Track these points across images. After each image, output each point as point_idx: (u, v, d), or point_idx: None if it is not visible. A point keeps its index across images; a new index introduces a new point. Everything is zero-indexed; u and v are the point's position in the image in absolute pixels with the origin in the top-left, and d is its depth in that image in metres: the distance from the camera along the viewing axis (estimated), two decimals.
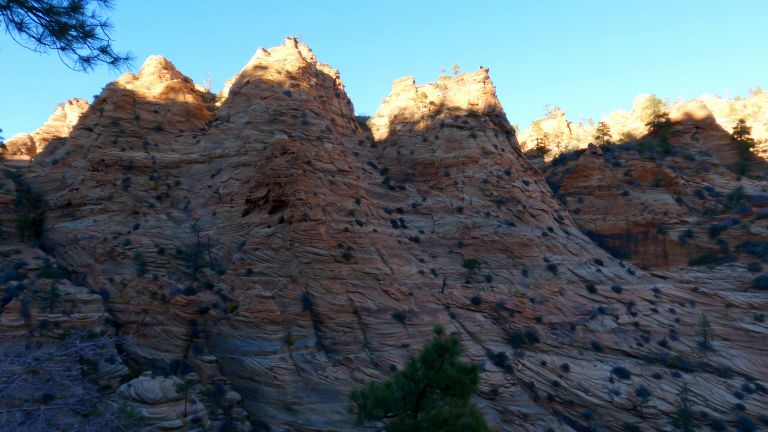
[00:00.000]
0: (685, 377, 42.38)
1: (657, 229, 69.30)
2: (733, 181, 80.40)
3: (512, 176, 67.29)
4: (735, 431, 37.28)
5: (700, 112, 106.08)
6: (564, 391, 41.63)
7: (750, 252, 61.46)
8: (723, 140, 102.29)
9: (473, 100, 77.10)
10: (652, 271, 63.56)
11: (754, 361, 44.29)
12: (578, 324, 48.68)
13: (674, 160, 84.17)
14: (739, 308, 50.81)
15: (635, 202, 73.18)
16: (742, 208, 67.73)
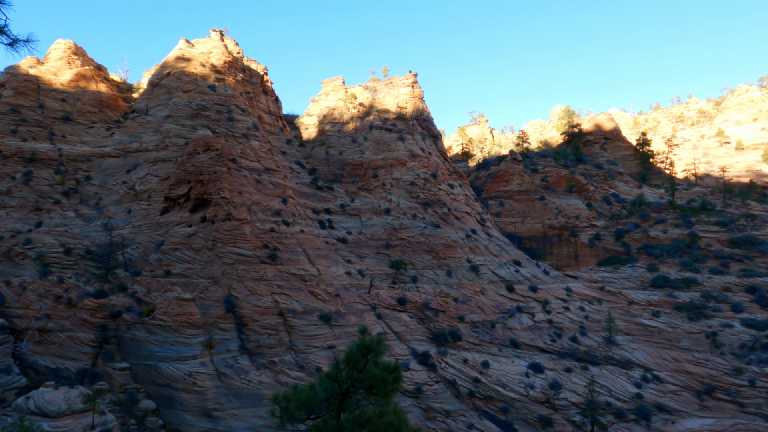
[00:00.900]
0: (592, 370, 45.51)
1: (570, 232, 74.03)
2: (636, 188, 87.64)
3: (438, 179, 69.09)
4: (634, 418, 40.60)
5: (609, 124, 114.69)
6: (484, 387, 43.27)
7: (649, 254, 67.29)
8: (627, 151, 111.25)
9: (402, 103, 78.35)
10: (565, 271, 67.76)
11: (651, 353, 48.48)
12: (498, 322, 50.82)
13: (585, 168, 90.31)
14: (639, 305, 55.44)
15: (551, 206, 77.73)
16: (643, 213, 74.02)
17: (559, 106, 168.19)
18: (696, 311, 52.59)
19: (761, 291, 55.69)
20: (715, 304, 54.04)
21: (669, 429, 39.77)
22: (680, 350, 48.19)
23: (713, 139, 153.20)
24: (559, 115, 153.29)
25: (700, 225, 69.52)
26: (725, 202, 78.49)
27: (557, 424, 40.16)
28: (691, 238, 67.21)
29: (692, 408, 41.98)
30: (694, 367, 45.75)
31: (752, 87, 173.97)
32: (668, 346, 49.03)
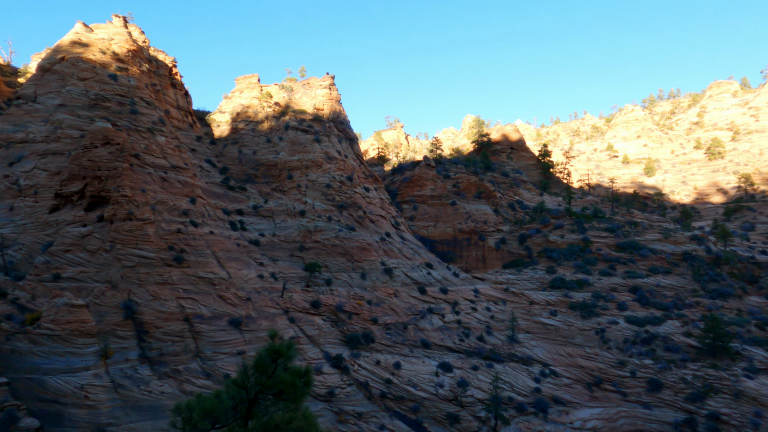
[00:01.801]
0: (497, 367, 47.93)
1: (478, 236, 77.60)
2: (538, 196, 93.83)
3: (354, 182, 69.39)
4: (533, 411, 43.30)
5: (515, 135, 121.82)
6: (396, 387, 43.97)
7: (548, 257, 72.30)
8: (531, 161, 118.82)
9: (319, 105, 77.81)
10: (473, 273, 70.88)
11: (549, 349, 52.04)
12: (410, 323, 51.93)
13: (493, 175, 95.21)
14: (539, 305, 59.33)
15: (461, 211, 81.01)
16: (544, 219, 79.42)
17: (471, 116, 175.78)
18: (587, 310, 57.26)
19: (641, 291, 61.91)
20: (604, 303, 59.19)
21: (563, 419, 42.87)
22: (574, 346, 52.18)
23: (604, 153, 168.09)
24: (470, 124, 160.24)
25: (592, 231, 75.90)
26: (613, 211, 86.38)
27: (464, 420, 41.80)
28: (585, 242, 73.17)
29: (583, 399, 45.60)
30: (586, 362, 49.75)
31: (636, 107, 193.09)
32: (564, 343, 52.89)
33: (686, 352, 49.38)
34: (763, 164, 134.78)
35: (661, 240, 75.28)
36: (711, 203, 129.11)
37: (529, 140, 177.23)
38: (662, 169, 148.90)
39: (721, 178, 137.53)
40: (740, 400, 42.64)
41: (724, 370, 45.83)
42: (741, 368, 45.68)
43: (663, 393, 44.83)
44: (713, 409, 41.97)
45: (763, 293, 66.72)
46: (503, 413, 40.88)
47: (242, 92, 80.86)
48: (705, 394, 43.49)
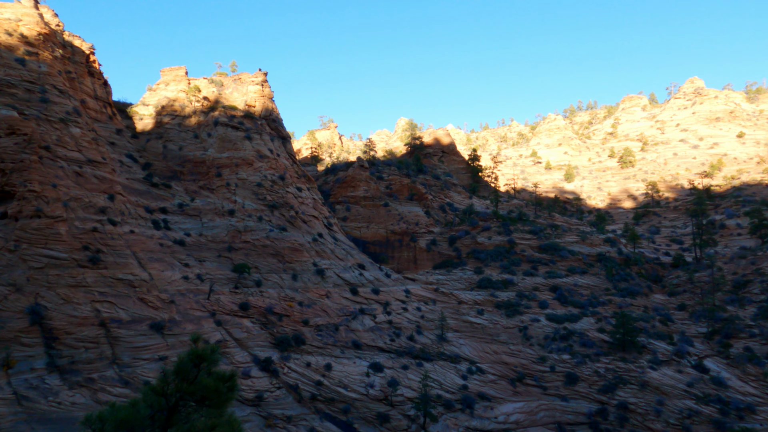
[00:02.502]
0: (426, 366, 48.88)
1: (410, 237, 78.84)
2: (467, 199, 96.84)
3: (286, 182, 68.21)
4: (460, 407, 44.58)
5: (446, 139, 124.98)
6: (326, 389, 43.66)
7: (476, 258, 74.80)
8: (461, 164, 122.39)
9: (251, 101, 75.79)
10: (405, 274, 71.90)
11: (476, 347, 53.81)
12: (342, 325, 51.79)
13: (425, 178, 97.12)
14: (467, 304, 61.21)
15: (394, 212, 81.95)
16: (472, 221, 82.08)
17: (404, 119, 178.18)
18: (512, 309, 59.82)
19: (561, 290, 65.57)
20: (527, 302, 62.09)
21: (488, 414, 44.47)
22: (499, 343, 54.30)
23: (529, 159, 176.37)
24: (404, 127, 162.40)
25: (517, 233, 79.43)
26: (536, 214, 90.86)
27: (394, 419, 42.25)
28: (510, 244, 76.41)
29: (507, 394, 47.55)
30: (510, 358, 51.92)
31: (558, 117, 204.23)
32: (490, 341, 54.90)
33: (600, 346, 52.83)
34: (667, 173, 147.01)
35: (579, 242, 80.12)
36: (623, 208, 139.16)
37: (460, 145, 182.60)
38: (580, 176, 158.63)
39: (631, 185, 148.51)
40: (645, 389, 46.24)
41: (632, 362, 49.51)
42: (646, 360, 49.55)
43: (579, 386, 47.69)
44: (622, 399, 45.20)
45: (666, 291, 72.85)
46: (432, 411, 41.75)
47: (168, 84, 77.08)
48: (615, 386, 46.75)
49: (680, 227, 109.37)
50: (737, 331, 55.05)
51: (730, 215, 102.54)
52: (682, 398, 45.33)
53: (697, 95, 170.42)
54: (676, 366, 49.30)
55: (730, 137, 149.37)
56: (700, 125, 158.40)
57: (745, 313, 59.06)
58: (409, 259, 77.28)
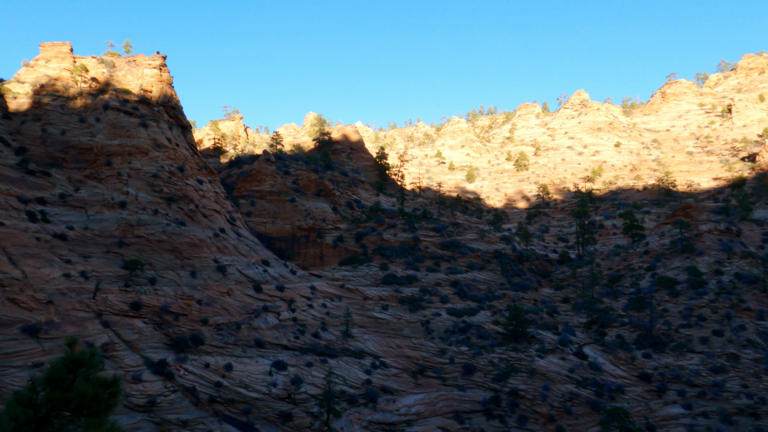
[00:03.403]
0: (331, 362, 48.84)
1: (316, 233, 78.21)
2: (374, 196, 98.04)
3: (186, 173, 64.52)
4: (364, 402, 45.11)
5: (355, 136, 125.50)
6: (226, 390, 42.05)
7: (382, 254, 76.04)
8: (369, 162, 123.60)
9: (147, 86, 70.60)
10: (311, 270, 71.23)
11: (380, 342, 54.74)
12: (244, 323, 50.13)
13: (333, 174, 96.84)
14: (372, 300, 62.04)
15: (300, 208, 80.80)
16: (379, 218, 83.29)
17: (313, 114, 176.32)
18: (415, 303, 61.64)
19: (461, 285, 68.74)
20: (429, 297, 64.32)
21: (391, 407, 45.46)
22: (402, 338, 55.70)
23: (434, 159, 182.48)
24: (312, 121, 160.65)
25: (422, 230, 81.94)
26: (440, 212, 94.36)
27: (297, 417, 41.72)
28: (415, 241, 78.63)
29: (409, 386, 48.93)
30: (412, 351, 53.47)
31: (462, 120, 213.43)
32: (393, 335, 56.12)
33: (495, 338, 56.14)
34: (556, 177, 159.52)
35: (478, 240, 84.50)
36: (517, 208, 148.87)
37: (368, 142, 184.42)
38: (481, 177, 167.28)
39: (525, 187, 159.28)
40: (534, 376, 49.95)
41: (523, 352, 53.24)
42: (535, 350, 53.53)
43: (475, 376, 50.33)
44: (514, 386, 48.45)
45: (553, 285, 79.17)
46: (335, 407, 41.79)
47: (49, 61, 69.40)
48: (508, 374, 49.98)
49: (566, 227, 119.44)
50: (611, 321, 61.33)
51: (608, 216, 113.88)
52: (564, 383, 49.57)
53: (583, 107, 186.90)
54: (560, 354, 53.78)
55: (609, 146, 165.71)
56: (584, 134, 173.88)
57: (618, 304, 65.93)
58: (316, 255, 76.67)
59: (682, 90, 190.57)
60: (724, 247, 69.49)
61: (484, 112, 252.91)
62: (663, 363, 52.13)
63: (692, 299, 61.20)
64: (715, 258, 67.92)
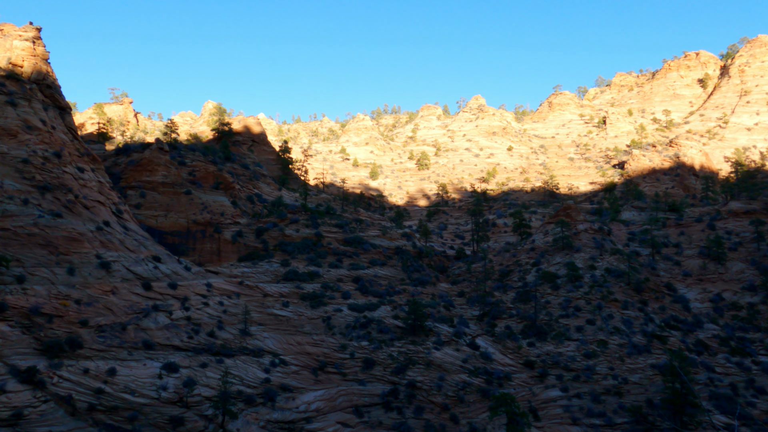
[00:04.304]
0: (227, 362, 47.00)
1: (214, 228, 74.69)
2: (277, 191, 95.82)
3: (64, 160, 58.33)
4: (262, 401, 44.02)
5: (257, 128, 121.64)
6: (109, 397, 38.84)
7: (284, 250, 74.58)
8: (271, 155, 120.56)
9: (16, 59, 62.72)
10: (207, 267, 67.93)
11: (280, 339, 53.71)
12: (131, 323, 46.61)
13: (233, 166, 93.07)
14: (272, 297, 60.65)
15: (197, 201, 76.64)
16: (281, 213, 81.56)
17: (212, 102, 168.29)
18: (317, 300, 61.29)
19: (363, 281, 69.55)
20: (331, 293, 64.30)
21: (290, 405, 44.83)
22: (303, 334, 55.12)
23: (338, 155, 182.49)
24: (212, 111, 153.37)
25: (325, 226, 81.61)
26: (343, 208, 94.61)
27: (189, 421, 39.65)
28: (317, 237, 78.11)
29: (309, 383, 48.58)
30: (313, 348, 53.14)
31: (366, 117, 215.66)
32: (294, 332, 55.35)
33: (394, 332, 57.56)
34: (455, 177, 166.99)
35: (380, 236, 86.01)
36: (418, 206, 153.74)
37: (271, 135, 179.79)
38: (384, 174, 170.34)
39: (426, 185, 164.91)
40: (430, 368, 51.99)
41: (420, 344, 55.18)
42: (432, 342, 55.73)
43: (375, 369, 51.25)
44: (411, 378, 50.04)
45: (449, 280, 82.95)
46: (232, 408, 40.32)
47: None
48: (406, 367, 51.51)
49: (463, 224, 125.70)
50: (501, 313, 65.64)
51: (500, 215, 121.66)
52: (458, 373, 52.19)
53: (480, 111, 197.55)
54: (455, 345, 56.51)
55: (502, 150, 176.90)
56: (481, 137, 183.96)
57: (507, 297, 70.73)
58: (212, 251, 73.20)
59: (566, 101, 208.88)
60: (597, 245, 77.28)
61: (388, 111, 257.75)
62: (545, 351, 56.85)
63: (570, 292, 67.36)
64: (589, 254, 75.31)
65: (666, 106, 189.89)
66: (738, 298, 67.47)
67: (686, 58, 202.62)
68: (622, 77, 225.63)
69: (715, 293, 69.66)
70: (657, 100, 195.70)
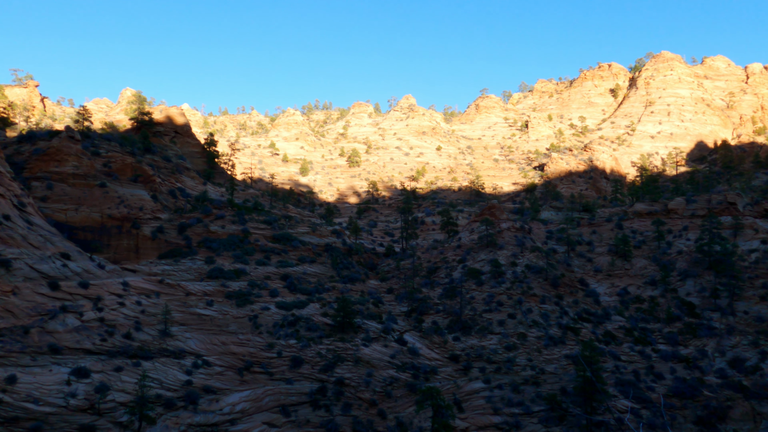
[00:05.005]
0: (145, 365, 44.54)
1: (132, 223, 70.40)
2: (201, 185, 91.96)
3: None
4: (183, 404, 42.15)
5: (180, 119, 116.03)
6: (8, 407, 35.60)
7: (208, 247, 71.79)
8: (196, 148, 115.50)
9: None
10: (124, 265, 63.96)
11: (204, 340, 51.68)
12: (34, 326, 42.94)
13: (154, 158, 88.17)
14: (196, 296, 58.21)
15: (113, 195, 71.87)
16: (205, 209, 78.44)
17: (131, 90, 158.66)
18: (243, 298, 59.58)
19: (291, 278, 68.50)
20: (258, 291, 62.76)
21: (213, 407, 43.26)
22: (228, 334, 53.37)
23: (267, 150, 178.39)
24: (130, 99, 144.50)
25: (252, 222, 79.48)
26: (272, 204, 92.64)
27: (101, 429, 37.21)
28: (244, 233, 75.90)
29: (234, 384, 47.14)
30: (238, 348, 51.60)
31: (297, 112, 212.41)
32: (218, 332, 53.45)
33: (323, 329, 57.20)
34: (385, 175, 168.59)
35: (310, 233, 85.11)
36: (349, 203, 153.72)
37: (196, 127, 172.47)
38: (314, 171, 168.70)
39: (357, 183, 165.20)
40: (359, 364, 52.21)
41: (349, 341, 55.25)
42: (361, 339, 55.97)
43: (303, 368, 50.68)
44: (340, 375, 49.99)
45: (379, 277, 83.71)
46: (149, 413, 38.25)
47: None
48: (334, 364, 51.37)
49: (393, 222, 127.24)
50: (428, 309, 67.19)
51: (429, 214, 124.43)
52: (386, 368, 52.80)
53: (411, 111, 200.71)
54: (383, 341, 57.12)
55: (431, 149, 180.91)
56: (411, 136, 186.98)
57: (435, 293, 72.53)
58: (130, 247, 68.96)
59: (492, 104, 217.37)
60: (518, 243, 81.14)
61: (319, 106, 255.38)
62: (469, 344, 58.90)
63: (493, 287, 70.24)
64: (511, 252, 78.92)
65: (582, 113, 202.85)
66: (641, 292, 73.48)
67: (600, 69, 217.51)
68: (544, 84, 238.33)
69: (621, 287, 75.42)
70: (574, 107, 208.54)
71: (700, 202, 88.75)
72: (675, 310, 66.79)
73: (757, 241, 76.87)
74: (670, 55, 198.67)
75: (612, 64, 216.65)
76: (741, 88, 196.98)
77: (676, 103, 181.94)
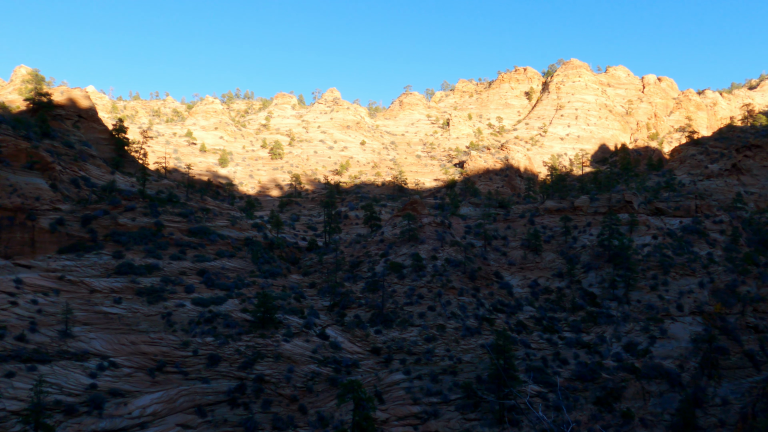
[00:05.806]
0: (42, 369, 40.96)
1: (26, 215, 64.07)
2: (109, 174, 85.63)
3: None
4: (86, 410, 39.22)
5: (85, 102, 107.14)
6: None
7: (116, 241, 67.04)
8: (103, 134, 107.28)
9: None
10: (17, 260, 58.19)
11: (110, 340, 48.34)
12: None
13: (53, 144, 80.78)
14: (101, 293, 54.27)
15: (4, 183, 65.00)
16: (114, 200, 73.15)
17: (26, 68, 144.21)
18: (155, 295, 56.39)
19: (209, 273, 65.83)
20: (173, 287, 59.69)
21: (121, 411, 40.67)
22: (138, 333, 50.30)
23: (184, 138, 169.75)
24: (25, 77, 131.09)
25: (166, 215, 75.27)
26: (188, 196, 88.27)
27: None
28: (158, 226, 71.72)
29: (144, 386, 44.57)
30: (149, 347, 48.81)
31: (216, 100, 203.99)
32: (127, 331, 50.23)
33: (242, 326, 55.57)
34: (308, 168, 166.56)
35: (229, 226, 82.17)
36: (270, 196, 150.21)
37: (103, 111, 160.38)
38: (234, 162, 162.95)
39: (279, 175, 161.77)
40: (280, 360, 51.34)
41: (270, 337, 54.14)
42: (282, 334, 55.04)
43: (220, 366, 48.97)
44: (259, 372, 48.89)
45: (301, 272, 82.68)
46: (47, 421, 35.21)
47: None
48: (254, 361, 50.14)
49: (316, 216, 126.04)
50: (351, 303, 67.40)
51: (352, 208, 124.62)
52: (308, 363, 52.37)
53: (335, 104, 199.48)
54: (305, 336, 56.55)
55: (356, 144, 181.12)
56: (335, 130, 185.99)
57: (357, 287, 72.86)
58: (24, 241, 62.73)
59: (415, 101, 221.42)
60: (439, 237, 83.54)
61: (240, 95, 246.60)
62: (390, 337, 59.87)
63: (415, 281, 71.84)
64: (432, 246, 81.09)
65: (499, 113, 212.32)
66: (550, 284, 78.49)
67: (516, 72, 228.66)
68: (465, 84, 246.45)
69: (532, 279, 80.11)
70: (492, 107, 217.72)
71: (602, 200, 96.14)
72: (579, 300, 72.12)
73: (649, 236, 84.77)
74: (579, 63, 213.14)
75: (527, 68, 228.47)
76: (638, 96, 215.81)
77: (582, 108, 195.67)
